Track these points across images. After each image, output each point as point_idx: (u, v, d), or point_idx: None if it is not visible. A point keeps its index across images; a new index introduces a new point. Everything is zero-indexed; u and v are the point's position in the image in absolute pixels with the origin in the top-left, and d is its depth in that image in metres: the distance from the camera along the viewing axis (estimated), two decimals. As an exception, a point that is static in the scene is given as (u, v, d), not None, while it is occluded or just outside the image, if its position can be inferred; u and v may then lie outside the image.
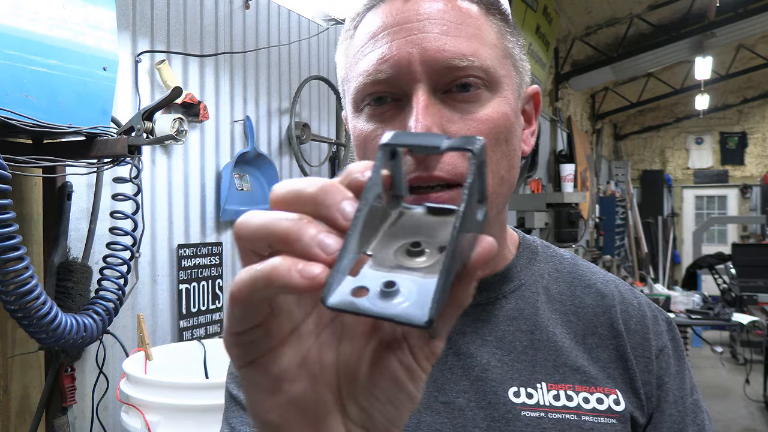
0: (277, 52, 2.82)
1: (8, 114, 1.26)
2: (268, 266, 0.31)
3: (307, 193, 0.33)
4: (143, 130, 1.60)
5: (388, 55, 0.62)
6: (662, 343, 0.73)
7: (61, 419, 1.70)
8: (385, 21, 0.64)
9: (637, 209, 10.78)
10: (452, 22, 0.63)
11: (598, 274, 0.77)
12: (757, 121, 12.25)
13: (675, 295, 5.37)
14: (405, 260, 0.34)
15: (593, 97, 10.54)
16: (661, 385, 0.71)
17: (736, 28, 7.44)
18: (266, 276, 0.31)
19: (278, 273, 0.31)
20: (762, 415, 5.14)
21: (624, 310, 0.73)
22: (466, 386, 0.66)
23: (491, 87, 0.64)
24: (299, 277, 0.30)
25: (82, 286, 1.67)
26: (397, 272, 0.33)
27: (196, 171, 2.36)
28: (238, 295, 0.32)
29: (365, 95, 0.65)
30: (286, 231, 0.32)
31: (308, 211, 0.33)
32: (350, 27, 0.70)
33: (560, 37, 7.23)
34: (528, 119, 0.74)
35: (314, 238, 0.32)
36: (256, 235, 0.33)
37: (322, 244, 0.32)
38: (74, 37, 1.39)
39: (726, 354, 6.55)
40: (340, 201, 0.33)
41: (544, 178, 6.94)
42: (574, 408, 0.65)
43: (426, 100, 0.61)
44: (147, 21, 2.14)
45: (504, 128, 0.64)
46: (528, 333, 0.69)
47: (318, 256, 0.31)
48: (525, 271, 0.74)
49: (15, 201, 1.31)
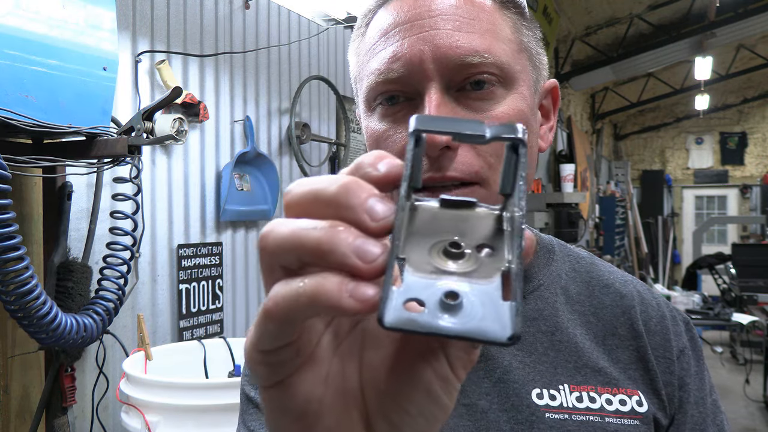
0: (277, 52, 2.82)
1: (8, 114, 1.26)
2: (312, 284, 0.28)
3: (327, 193, 0.30)
4: (143, 130, 1.60)
5: (400, 53, 0.61)
6: (682, 343, 0.72)
7: (61, 419, 1.70)
8: (397, 18, 0.63)
9: (637, 209, 10.78)
10: (465, 18, 0.62)
11: (616, 274, 0.76)
12: (757, 121, 12.25)
13: (675, 295, 5.38)
14: (444, 263, 0.30)
15: (593, 97, 10.54)
16: (683, 386, 0.70)
17: (736, 28, 7.44)
18: (312, 295, 0.28)
19: (325, 293, 0.27)
20: (762, 415, 5.14)
21: (644, 311, 0.72)
22: (488, 388, 0.65)
23: (506, 83, 0.62)
24: (349, 298, 0.27)
25: (82, 286, 1.67)
26: (445, 278, 0.29)
27: (196, 171, 2.36)
28: (275, 311, 0.29)
29: (377, 94, 0.64)
30: (318, 241, 0.28)
31: (330, 214, 0.29)
32: (362, 24, 0.69)
33: (560, 37, 7.22)
34: (546, 114, 0.72)
35: (351, 246, 0.28)
36: (284, 248, 0.29)
37: (360, 252, 0.28)
38: (74, 37, 1.39)
39: (726, 354, 6.54)
40: (365, 200, 0.29)
41: (544, 178, 6.93)
42: (597, 410, 0.64)
43: (439, 98, 0.60)
44: (147, 21, 2.14)
45: None
46: (548, 334, 0.68)
47: (357, 267, 0.28)
48: (543, 272, 0.72)
49: (15, 201, 1.31)
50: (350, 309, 0.27)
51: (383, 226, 0.29)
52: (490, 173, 0.61)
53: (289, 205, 0.31)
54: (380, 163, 0.31)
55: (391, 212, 0.29)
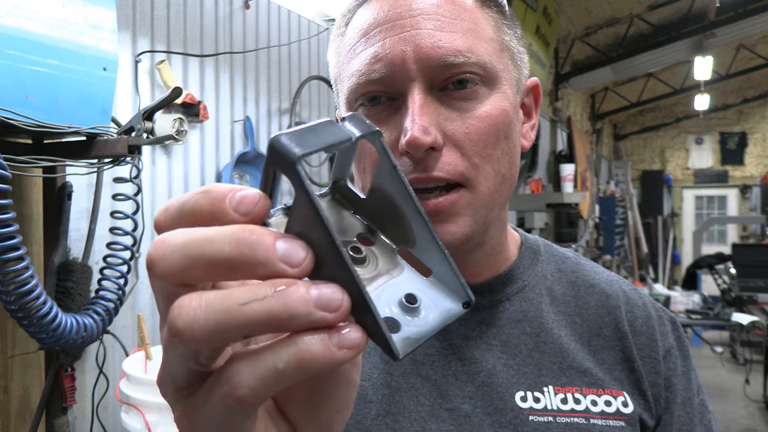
0: (277, 52, 2.82)
1: (8, 114, 1.26)
2: (292, 355, 0.25)
3: (223, 254, 0.25)
4: (143, 130, 1.60)
5: (381, 53, 0.60)
6: (669, 343, 0.72)
7: (61, 419, 1.70)
8: (377, 17, 0.62)
9: (637, 209, 10.78)
10: (446, 17, 0.61)
11: (602, 274, 0.76)
12: (757, 121, 12.24)
13: (675, 295, 5.38)
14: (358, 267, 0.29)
15: (593, 97, 10.54)
16: (669, 387, 0.69)
17: (736, 28, 7.43)
18: (298, 365, 0.25)
19: (313, 357, 0.25)
20: (762, 415, 5.14)
21: (629, 311, 0.72)
22: (472, 392, 0.64)
23: (488, 83, 0.62)
24: (340, 350, 0.25)
25: (82, 286, 1.67)
26: (372, 284, 0.28)
27: (196, 171, 2.36)
28: (250, 398, 0.25)
29: (359, 95, 0.63)
30: (270, 313, 0.24)
31: (238, 277, 0.26)
32: (341, 24, 0.68)
33: (560, 37, 7.23)
34: (528, 113, 0.72)
35: (310, 303, 0.25)
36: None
37: (324, 304, 0.25)
38: (74, 37, 1.39)
39: (726, 354, 6.54)
40: (273, 248, 0.25)
41: (544, 178, 6.93)
42: (582, 411, 0.63)
43: (422, 99, 0.59)
44: (147, 21, 2.14)
45: (503, 125, 0.62)
46: (533, 336, 0.67)
47: (327, 321, 0.25)
48: (528, 272, 0.72)
49: (15, 201, 1.31)
50: (346, 359, 0.25)
51: (304, 270, 0.26)
52: (475, 174, 0.61)
53: (162, 259, 0.26)
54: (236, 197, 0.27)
55: (304, 249, 0.26)
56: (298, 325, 0.25)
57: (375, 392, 0.64)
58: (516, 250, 0.74)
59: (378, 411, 0.63)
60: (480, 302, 0.68)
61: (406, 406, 0.63)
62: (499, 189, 0.63)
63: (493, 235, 0.68)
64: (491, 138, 0.61)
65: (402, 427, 0.62)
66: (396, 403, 0.63)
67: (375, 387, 0.65)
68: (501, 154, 0.62)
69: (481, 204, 0.62)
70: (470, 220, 0.61)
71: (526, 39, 5.64)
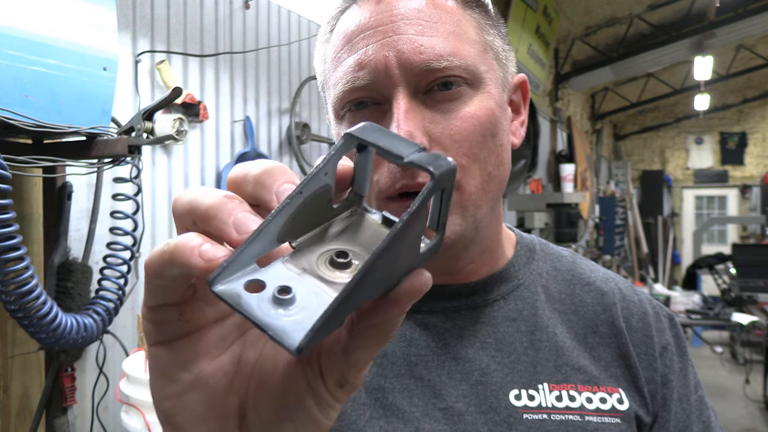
0: (277, 52, 2.82)
1: (8, 114, 1.26)
2: (175, 242, 0.29)
3: (252, 173, 0.32)
4: (143, 130, 1.60)
5: (365, 60, 0.60)
6: (665, 340, 0.72)
7: (61, 419, 1.70)
8: (360, 23, 0.62)
9: (637, 209, 10.78)
10: (428, 21, 0.61)
11: (598, 272, 0.76)
12: (757, 121, 12.25)
13: (675, 295, 5.38)
14: (325, 269, 0.30)
15: (593, 97, 10.54)
16: (666, 383, 0.69)
17: (736, 28, 7.44)
18: (171, 251, 0.29)
19: (181, 251, 0.29)
20: (762, 415, 5.14)
21: (625, 308, 0.72)
22: (466, 390, 0.64)
23: (473, 84, 0.62)
24: (197, 256, 0.28)
25: (82, 286, 1.67)
26: (306, 277, 0.29)
27: (196, 171, 2.37)
28: (148, 266, 0.31)
29: (345, 102, 0.63)
30: (207, 207, 0.30)
31: (248, 192, 0.31)
32: (326, 30, 0.68)
33: (560, 37, 7.23)
34: (516, 110, 0.72)
35: (230, 215, 0.29)
36: (183, 211, 0.31)
37: (238, 223, 0.29)
38: (74, 37, 1.39)
39: (726, 354, 6.54)
40: (281, 183, 0.31)
41: (544, 178, 6.94)
42: (577, 408, 0.63)
43: (407, 104, 0.59)
44: (147, 21, 2.14)
45: (489, 124, 0.62)
46: (528, 334, 0.67)
47: (230, 235, 0.29)
48: (523, 271, 0.72)
49: (15, 201, 1.31)
50: (196, 266, 0.28)
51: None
52: (461, 174, 0.61)
53: (227, 184, 0.33)
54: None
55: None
56: (215, 226, 0.30)
57: (368, 395, 0.64)
58: (512, 249, 0.74)
59: (372, 414, 0.63)
60: (475, 301, 0.69)
61: (399, 407, 0.63)
62: (486, 187, 0.63)
63: (487, 234, 0.68)
64: (477, 138, 0.61)
65: (395, 428, 0.62)
66: (389, 404, 0.64)
67: (368, 390, 0.65)
68: (488, 153, 0.63)
69: (470, 203, 0.62)
70: (459, 219, 0.62)
71: (526, 39, 5.64)
